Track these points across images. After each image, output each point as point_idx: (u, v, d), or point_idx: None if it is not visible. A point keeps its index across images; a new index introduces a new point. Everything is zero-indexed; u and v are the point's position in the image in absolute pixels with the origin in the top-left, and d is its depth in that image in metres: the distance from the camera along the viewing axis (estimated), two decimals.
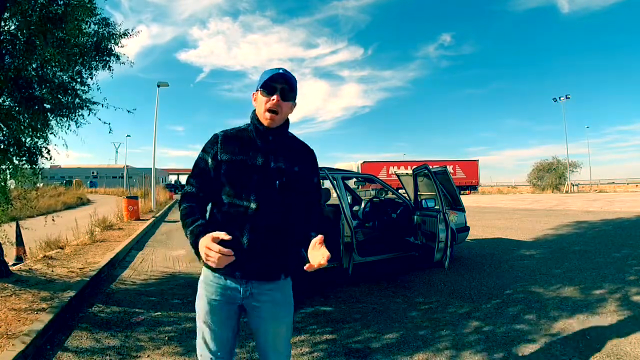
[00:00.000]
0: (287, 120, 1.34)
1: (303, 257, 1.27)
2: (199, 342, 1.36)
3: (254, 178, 1.25)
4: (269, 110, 1.25)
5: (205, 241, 1.11)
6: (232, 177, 1.25)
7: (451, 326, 2.91)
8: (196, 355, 1.38)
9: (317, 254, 1.14)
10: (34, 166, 3.90)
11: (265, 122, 1.27)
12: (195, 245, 1.17)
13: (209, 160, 1.28)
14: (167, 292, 3.97)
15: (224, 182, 1.27)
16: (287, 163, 1.30)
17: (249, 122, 1.34)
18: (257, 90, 1.30)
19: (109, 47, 4.17)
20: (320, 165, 1.51)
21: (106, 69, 4.26)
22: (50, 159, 4.02)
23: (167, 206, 17.09)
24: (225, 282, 1.28)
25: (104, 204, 16.99)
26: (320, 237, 1.18)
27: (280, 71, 1.26)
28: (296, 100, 1.34)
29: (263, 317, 1.30)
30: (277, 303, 1.31)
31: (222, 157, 1.26)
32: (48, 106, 3.85)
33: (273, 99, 1.24)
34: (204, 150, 1.31)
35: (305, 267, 1.15)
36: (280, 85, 1.25)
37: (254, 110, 1.33)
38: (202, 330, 1.33)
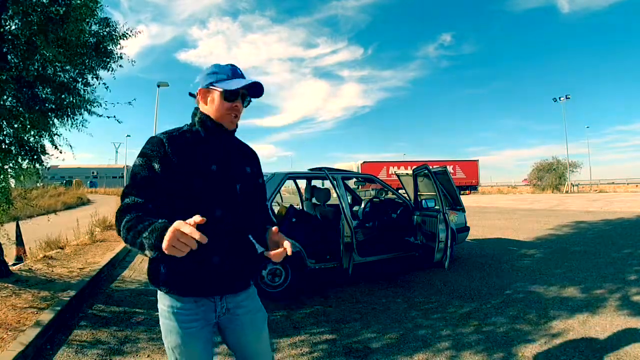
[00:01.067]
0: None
1: (254, 247, 1.29)
2: None
3: (214, 184, 1.15)
4: (231, 114, 1.19)
5: (176, 225, 0.84)
6: (190, 183, 1.11)
7: (451, 326, 2.91)
8: None
9: (280, 242, 1.12)
10: (37, 165, 3.90)
11: (230, 126, 1.20)
12: (159, 242, 0.87)
13: (156, 165, 1.09)
14: None
15: (179, 189, 1.11)
16: (241, 165, 1.26)
17: (192, 122, 1.23)
18: (207, 88, 1.19)
19: (108, 48, 4.17)
20: (320, 165, 1.53)
21: (107, 69, 4.26)
22: (61, 152, 4.01)
23: None
24: (196, 304, 1.16)
25: (104, 203, 17.00)
26: (275, 227, 1.16)
27: (238, 71, 1.21)
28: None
29: (243, 327, 1.24)
30: (253, 311, 1.27)
31: (175, 159, 1.10)
32: (50, 106, 3.85)
33: (236, 106, 1.19)
34: (144, 155, 1.11)
35: (270, 254, 1.11)
36: (242, 90, 1.19)
37: (199, 110, 1.22)
38: None
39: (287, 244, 1.09)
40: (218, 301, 1.19)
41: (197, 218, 0.86)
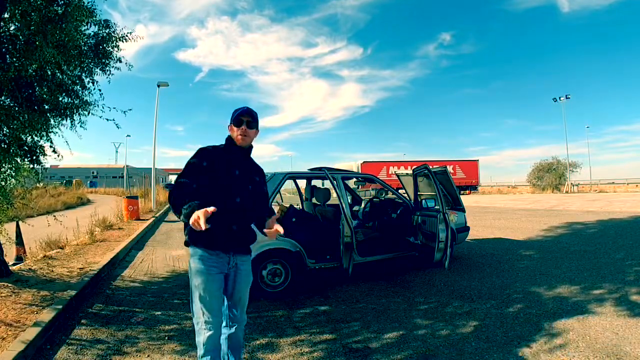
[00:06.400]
0: (251, 146, 1.91)
1: (254, 231, 1.93)
2: (199, 311, 1.70)
3: (237, 182, 1.80)
4: (240, 135, 1.83)
5: (199, 211, 1.43)
6: (222, 180, 1.75)
7: (451, 326, 2.91)
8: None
9: (275, 226, 1.80)
10: (36, 165, 3.90)
11: (238, 142, 1.85)
12: (190, 215, 1.47)
13: (204, 164, 1.73)
14: (167, 292, 3.97)
15: (214, 183, 1.72)
16: (252, 175, 1.91)
17: (224, 143, 1.89)
18: (230, 124, 1.87)
19: (107, 49, 4.16)
20: (320, 165, 1.71)
21: (105, 72, 4.25)
22: (59, 156, 4.01)
23: (167, 206, 17.07)
24: (217, 257, 1.75)
25: (104, 203, 16.98)
26: (274, 216, 1.87)
27: (245, 109, 1.84)
28: (258, 128, 1.92)
29: (241, 278, 1.84)
30: (248, 270, 1.90)
31: (214, 164, 1.75)
32: (47, 107, 3.84)
33: (242, 128, 1.83)
34: (196, 157, 1.76)
35: (265, 231, 1.85)
36: (246, 119, 1.83)
37: (230, 136, 1.89)
38: (204, 299, 1.70)
39: (278, 226, 1.79)
40: (231, 257, 1.79)
41: (210, 208, 1.44)
